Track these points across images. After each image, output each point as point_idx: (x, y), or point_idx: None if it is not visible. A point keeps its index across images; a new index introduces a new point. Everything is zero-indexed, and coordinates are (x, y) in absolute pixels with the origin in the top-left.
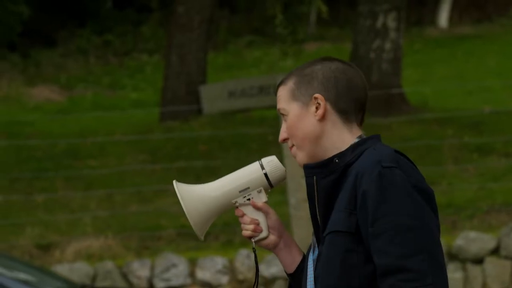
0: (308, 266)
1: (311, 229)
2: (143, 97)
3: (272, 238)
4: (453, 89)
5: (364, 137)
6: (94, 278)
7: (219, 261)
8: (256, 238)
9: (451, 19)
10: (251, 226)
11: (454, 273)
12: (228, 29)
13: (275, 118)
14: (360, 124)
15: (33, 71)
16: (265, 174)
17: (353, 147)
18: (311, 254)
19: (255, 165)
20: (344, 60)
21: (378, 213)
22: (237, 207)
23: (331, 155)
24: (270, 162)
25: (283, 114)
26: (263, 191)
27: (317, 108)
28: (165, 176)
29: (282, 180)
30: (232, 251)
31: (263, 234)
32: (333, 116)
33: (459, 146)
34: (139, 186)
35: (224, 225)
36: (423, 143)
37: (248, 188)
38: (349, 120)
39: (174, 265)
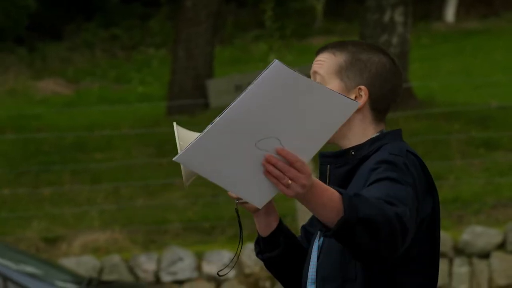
0: (312, 252)
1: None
2: (150, 91)
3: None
4: (460, 83)
5: (384, 131)
6: (100, 271)
7: (226, 255)
8: (240, 201)
9: (458, 14)
10: None
11: (460, 268)
12: (234, 23)
13: None
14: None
15: (39, 64)
16: None
17: (371, 141)
18: (316, 240)
19: None
20: (393, 57)
21: (374, 171)
22: None
23: (346, 145)
24: None
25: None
26: None
27: (356, 98)
28: (171, 170)
29: None
30: (239, 245)
31: None
32: (366, 112)
33: (466, 140)
34: (145, 180)
35: (231, 219)
36: (430, 137)
37: None
38: (378, 118)
39: (180, 259)
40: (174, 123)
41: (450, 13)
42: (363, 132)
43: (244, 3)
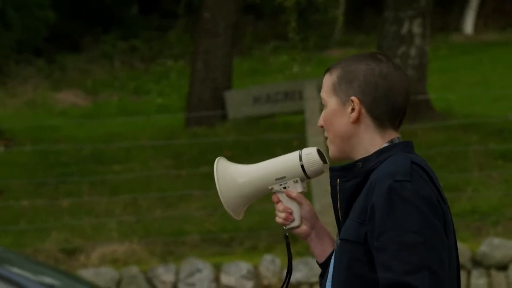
0: (331, 264)
1: (335, 233)
2: (168, 102)
3: (304, 228)
4: (478, 95)
5: (396, 141)
6: (119, 283)
7: (244, 266)
8: (288, 226)
9: (476, 26)
10: (283, 215)
11: (478, 280)
12: (253, 35)
13: (300, 124)
14: (398, 127)
15: (58, 76)
16: (302, 166)
17: (378, 152)
18: (335, 253)
19: (294, 155)
20: (392, 62)
21: (384, 227)
22: (274, 193)
23: (359, 157)
24: (309, 155)
25: (323, 105)
26: (299, 181)
27: (352, 110)
28: (189, 181)
29: (320, 173)
30: (256, 257)
31: (295, 223)
32: (367, 120)
33: (484, 152)
34: (164, 191)
35: (249, 231)
36: (448, 149)
37: (285, 177)
38: (383, 126)
39: (198, 270)
40: (218, 159)
41: (468, 24)
42: (370, 142)
43: (263, 15)
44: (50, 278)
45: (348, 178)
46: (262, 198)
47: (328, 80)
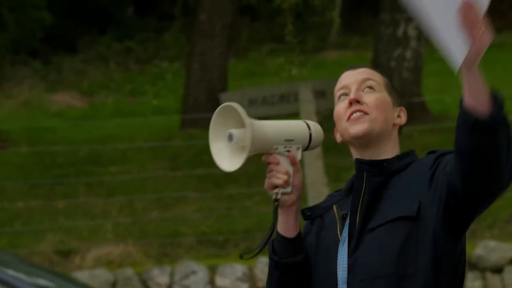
0: (340, 255)
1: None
2: (164, 104)
3: (293, 196)
4: None
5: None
6: (114, 285)
7: (239, 269)
8: (283, 190)
9: None
10: (285, 177)
11: (473, 282)
12: (249, 37)
13: None
14: None
15: (54, 77)
16: (310, 134)
17: (398, 158)
18: (340, 245)
19: (302, 123)
20: None
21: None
22: (271, 154)
23: (381, 157)
24: (315, 126)
25: (370, 87)
26: (301, 149)
27: (398, 117)
28: (185, 183)
29: (317, 146)
30: (252, 259)
31: (289, 188)
32: (396, 131)
33: None
34: (160, 193)
35: (244, 233)
36: None
37: (293, 140)
38: (399, 138)
39: (193, 272)
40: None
41: None
42: (392, 148)
43: (259, 16)
44: (44, 280)
45: (375, 174)
46: (258, 200)
47: (378, 77)
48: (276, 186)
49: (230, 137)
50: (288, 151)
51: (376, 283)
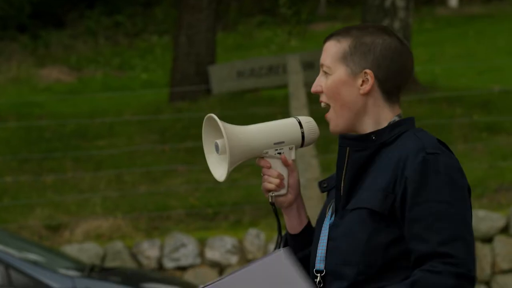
0: (322, 230)
1: (319, 209)
2: (153, 78)
3: (290, 196)
4: (463, 68)
5: (402, 117)
6: (103, 258)
7: (228, 241)
8: (276, 193)
9: None
10: (277, 180)
11: None
12: (238, 10)
13: (285, 98)
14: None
15: (42, 52)
16: (302, 133)
17: (391, 127)
18: (327, 219)
19: (293, 121)
20: (400, 37)
21: (417, 199)
22: (262, 158)
23: (368, 131)
24: (309, 123)
25: (325, 72)
26: (294, 148)
27: (363, 82)
28: (174, 156)
29: (313, 142)
30: (241, 231)
31: (283, 190)
32: (376, 94)
33: (468, 125)
34: (148, 166)
35: (233, 205)
36: (433, 122)
37: (283, 142)
38: (391, 100)
39: (183, 245)
40: (214, 116)
41: None
42: (379, 115)
43: None
44: (34, 254)
45: (360, 149)
46: (247, 172)
47: (336, 48)
48: (269, 191)
49: (216, 148)
50: (279, 153)
51: (346, 270)
